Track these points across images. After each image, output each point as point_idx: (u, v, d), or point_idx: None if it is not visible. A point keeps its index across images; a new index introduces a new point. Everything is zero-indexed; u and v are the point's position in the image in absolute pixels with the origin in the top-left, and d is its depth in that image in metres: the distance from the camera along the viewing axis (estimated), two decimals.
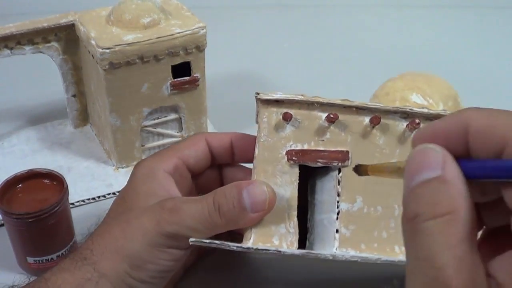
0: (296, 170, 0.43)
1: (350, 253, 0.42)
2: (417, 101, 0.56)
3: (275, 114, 0.43)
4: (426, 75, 0.62)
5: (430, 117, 0.44)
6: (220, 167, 0.49)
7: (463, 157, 0.27)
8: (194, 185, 0.48)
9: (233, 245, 0.40)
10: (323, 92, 0.45)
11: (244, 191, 0.41)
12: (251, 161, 0.45)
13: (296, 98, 0.43)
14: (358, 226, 0.43)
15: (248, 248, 0.41)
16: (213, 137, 0.47)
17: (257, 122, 0.44)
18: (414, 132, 0.44)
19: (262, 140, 0.43)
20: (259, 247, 0.41)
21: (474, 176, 0.26)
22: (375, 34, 0.96)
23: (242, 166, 0.49)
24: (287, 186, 0.43)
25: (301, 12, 1.03)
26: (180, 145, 0.47)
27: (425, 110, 0.44)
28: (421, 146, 0.27)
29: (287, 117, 0.42)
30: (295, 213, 0.43)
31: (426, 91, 0.57)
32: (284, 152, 0.43)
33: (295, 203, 0.43)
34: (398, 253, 0.43)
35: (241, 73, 0.84)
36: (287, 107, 0.43)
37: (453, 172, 0.26)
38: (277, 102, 0.43)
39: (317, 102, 0.43)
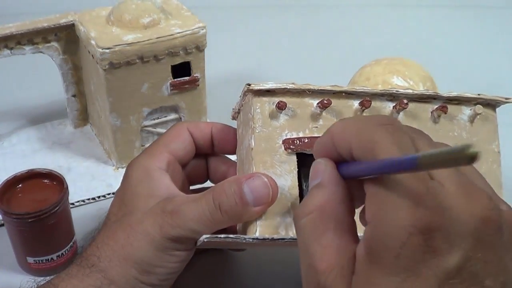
0: (294, 158, 0.43)
1: None
2: (398, 83, 0.58)
3: (268, 104, 0.43)
4: (400, 58, 0.63)
5: (415, 97, 0.45)
6: (205, 156, 0.49)
7: (346, 161, 0.32)
8: (184, 174, 0.48)
9: (248, 238, 0.40)
10: None
11: (245, 186, 0.40)
12: (229, 152, 0.46)
13: (287, 87, 0.43)
14: None
15: (264, 239, 0.40)
16: (194, 127, 0.47)
17: (233, 119, 0.45)
18: (401, 113, 0.45)
19: (257, 131, 0.43)
20: (276, 237, 0.40)
21: (350, 177, 0.32)
22: (375, 34, 0.96)
23: (226, 157, 0.49)
24: (287, 175, 0.43)
25: (300, 12, 1.03)
26: (166, 139, 0.47)
27: (410, 91, 0.45)
28: (314, 162, 0.34)
29: (281, 106, 0.42)
30: (297, 201, 0.43)
31: (406, 73, 0.59)
32: (281, 142, 0.43)
33: (296, 191, 0.43)
34: None
35: (241, 73, 0.84)
36: (279, 97, 0.43)
37: (329, 177, 0.33)
38: (269, 92, 0.43)
39: (308, 90, 0.43)
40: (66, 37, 0.63)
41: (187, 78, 0.61)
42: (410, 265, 0.26)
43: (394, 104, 0.44)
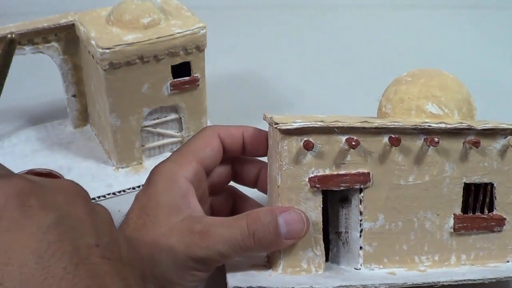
0: (320, 196, 0.43)
1: (376, 271, 0.44)
2: (433, 111, 0.56)
3: (295, 141, 0.43)
4: (439, 75, 0.61)
5: (448, 131, 0.45)
6: (230, 160, 0.49)
7: None
8: (207, 182, 0.48)
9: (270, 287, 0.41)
10: (323, 91, 0.45)
11: (280, 218, 0.41)
12: (261, 155, 0.46)
13: (315, 125, 0.42)
14: (381, 242, 0.45)
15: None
16: (226, 133, 0.47)
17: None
18: (431, 147, 0.44)
19: (284, 168, 0.43)
20: (296, 286, 0.41)
21: None
22: (376, 34, 0.96)
23: (252, 159, 0.50)
24: (311, 212, 0.43)
25: (301, 12, 1.02)
26: (196, 146, 0.46)
27: (443, 125, 0.45)
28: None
29: (309, 147, 0.42)
30: (320, 236, 0.44)
31: (441, 99, 0.57)
32: (307, 179, 0.43)
33: (320, 227, 0.44)
34: (417, 263, 0.45)
35: (241, 73, 0.83)
36: (307, 135, 0.43)
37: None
38: (297, 130, 0.42)
39: (337, 127, 0.43)
40: (66, 37, 0.63)
41: (187, 78, 0.61)
42: (12, 223, 0.29)
43: (425, 138, 0.44)
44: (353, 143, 0.42)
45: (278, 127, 0.42)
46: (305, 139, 0.42)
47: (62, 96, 0.67)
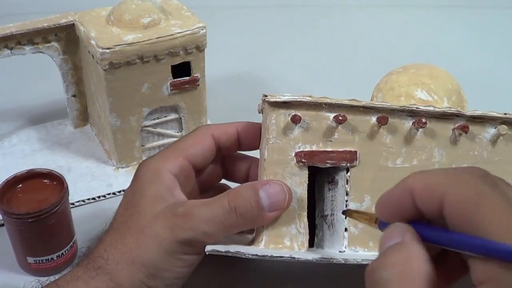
0: (306, 172, 0.43)
1: (360, 253, 0.43)
2: (422, 97, 0.56)
3: (283, 116, 0.43)
4: (429, 67, 0.61)
5: (436, 115, 0.44)
6: (221, 158, 0.49)
7: (422, 220, 0.30)
8: (196, 180, 0.48)
9: (248, 254, 0.41)
10: (323, 91, 0.45)
11: (261, 191, 0.41)
12: (257, 147, 0.45)
13: (304, 100, 0.43)
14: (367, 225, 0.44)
15: (263, 256, 0.41)
16: (220, 131, 0.47)
17: (259, 112, 0.44)
18: (420, 130, 0.44)
19: (271, 142, 0.43)
20: (274, 254, 0.41)
21: (433, 242, 0.30)
22: (376, 33, 0.96)
23: (243, 154, 0.49)
24: (297, 188, 0.43)
25: (301, 12, 1.03)
26: (185, 143, 0.47)
27: (431, 108, 0.44)
28: (392, 225, 0.31)
29: (296, 120, 0.42)
30: (305, 213, 0.43)
31: (431, 86, 0.57)
32: (293, 154, 0.43)
33: (305, 204, 0.43)
34: None
35: (241, 73, 0.84)
36: (295, 109, 0.43)
37: (411, 237, 0.30)
38: (285, 104, 0.43)
39: (325, 103, 0.43)
40: (66, 37, 0.63)
41: (187, 78, 0.61)
42: None
43: (413, 121, 0.44)
44: (340, 118, 0.42)
45: (266, 99, 0.42)
46: (293, 113, 0.42)
47: (62, 96, 0.67)
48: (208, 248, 0.41)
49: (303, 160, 0.43)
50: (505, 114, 0.45)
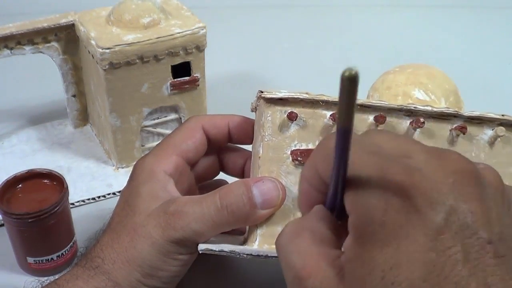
0: (301, 170, 0.43)
1: None
2: (419, 97, 0.56)
3: (279, 113, 0.42)
4: (426, 67, 0.61)
5: (434, 115, 0.44)
6: (216, 151, 0.49)
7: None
8: (193, 174, 0.48)
9: (242, 253, 0.40)
10: (323, 91, 0.45)
11: (254, 188, 0.40)
12: (249, 143, 0.45)
13: (300, 97, 0.42)
14: None
15: (258, 255, 0.40)
16: (210, 124, 0.47)
17: (252, 111, 0.44)
18: (417, 130, 0.43)
19: (266, 139, 0.42)
20: (269, 254, 0.40)
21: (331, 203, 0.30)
22: (375, 33, 0.96)
23: (238, 147, 0.49)
24: (292, 187, 0.42)
25: (301, 12, 1.03)
26: (177, 139, 0.46)
27: (429, 108, 0.43)
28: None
29: (292, 117, 0.42)
30: (300, 213, 0.43)
31: (428, 86, 0.56)
32: (289, 152, 0.43)
33: None
34: None
35: (241, 73, 0.83)
36: (291, 106, 0.42)
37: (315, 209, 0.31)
38: (281, 101, 0.42)
39: (322, 101, 0.43)
40: (66, 37, 0.63)
41: (187, 78, 0.61)
42: (397, 230, 0.25)
43: (411, 120, 0.43)
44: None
45: (262, 95, 0.42)
46: (289, 110, 0.42)
47: (62, 96, 0.67)
48: (201, 246, 0.40)
49: (298, 158, 0.42)
50: (503, 115, 0.44)
